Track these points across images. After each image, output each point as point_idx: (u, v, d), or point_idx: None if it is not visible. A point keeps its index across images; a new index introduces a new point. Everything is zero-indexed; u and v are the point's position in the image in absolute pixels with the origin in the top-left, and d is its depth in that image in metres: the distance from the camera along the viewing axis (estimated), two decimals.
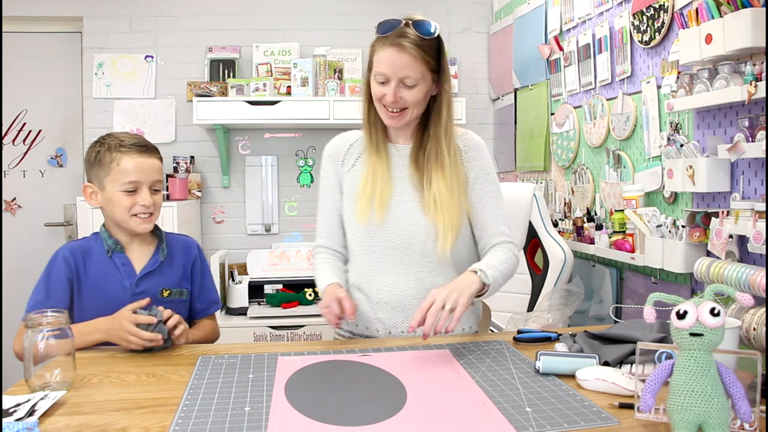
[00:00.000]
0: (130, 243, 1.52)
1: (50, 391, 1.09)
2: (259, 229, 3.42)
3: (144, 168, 1.47)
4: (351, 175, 1.55)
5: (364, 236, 1.51)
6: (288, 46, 3.28)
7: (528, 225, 2.44)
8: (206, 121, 3.08)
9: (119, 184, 1.45)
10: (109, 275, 1.47)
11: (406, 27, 1.39)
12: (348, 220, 1.55)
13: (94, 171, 1.48)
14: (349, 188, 1.55)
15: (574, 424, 0.94)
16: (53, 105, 3.39)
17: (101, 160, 1.46)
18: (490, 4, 3.56)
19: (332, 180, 1.58)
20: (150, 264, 1.51)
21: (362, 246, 1.53)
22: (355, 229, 1.53)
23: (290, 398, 1.05)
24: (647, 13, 2.05)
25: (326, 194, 1.59)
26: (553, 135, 2.81)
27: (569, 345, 1.32)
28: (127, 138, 1.48)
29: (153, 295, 1.48)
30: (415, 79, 1.40)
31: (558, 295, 2.25)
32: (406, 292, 1.50)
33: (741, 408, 0.87)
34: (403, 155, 1.54)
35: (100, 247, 1.50)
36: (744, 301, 0.91)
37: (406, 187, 1.51)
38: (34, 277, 1.51)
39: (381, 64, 1.40)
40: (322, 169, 1.61)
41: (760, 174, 1.58)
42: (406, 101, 1.42)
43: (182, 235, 1.66)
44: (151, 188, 1.48)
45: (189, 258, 1.59)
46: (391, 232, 1.49)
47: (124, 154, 1.45)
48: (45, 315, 1.14)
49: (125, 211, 1.45)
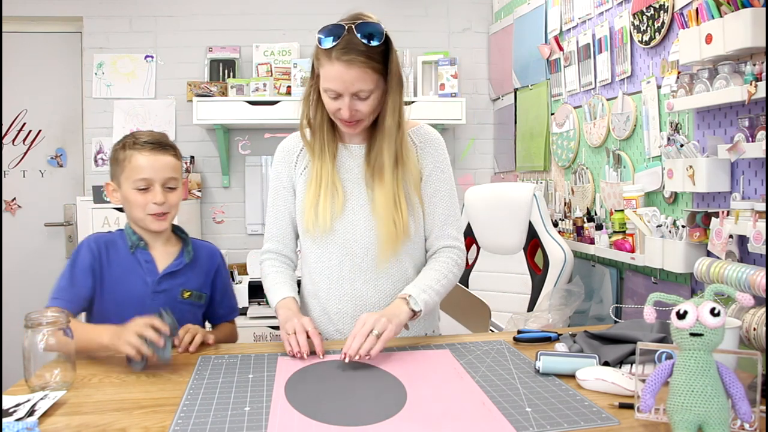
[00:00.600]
0: (154, 241, 1.51)
1: (50, 391, 1.09)
2: (259, 229, 3.41)
3: (155, 165, 1.44)
4: (303, 178, 1.48)
5: (319, 243, 1.44)
6: (288, 46, 3.28)
7: (528, 225, 2.44)
8: (206, 121, 3.08)
9: (132, 182, 1.44)
10: (131, 270, 1.47)
11: (351, 34, 1.28)
12: (300, 227, 1.49)
13: (113, 169, 1.49)
14: (300, 192, 1.48)
15: (574, 424, 0.94)
16: (53, 105, 3.39)
17: (117, 158, 1.47)
18: (490, 4, 3.56)
19: (284, 181, 1.51)
20: (174, 264, 1.50)
21: (317, 253, 1.46)
22: (308, 237, 1.46)
23: (290, 398, 1.05)
24: (647, 13, 2.05)
25: (277, 195, 1.52)
26: (553, 135, 2.81)
27: (569, 345, 1.32)
28: (143, 135, 1.47)
29: (173, 295, 1.48)
30: (368, 91, 1.33)
31: (558, 295, 2.25)
32: (367, 301, 1.43)
33: (741, 408, 0.87)
34: (356, 156, 1.46)
35: (124, 243, 1.50)
36: (744, 301, 0.91)
37: (362, 190, 1.44)
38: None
39: (330, 81, 1.31)
40: (273, 169, 1.55)
41: (760, 174, 1.58)
42: (362, 113, 1.36)
43: (206, 241, 1.65)
44: (164, 186, 1.46)
45: (213, 265, 1.58)
46: (348, 238, 1.42)
47: (136, 151, 1.44)
48: (45, 315, 1.14)
49: (140, 209, 1.45)
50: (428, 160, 1.48)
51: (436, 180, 1.48)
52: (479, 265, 2.59)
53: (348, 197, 1.44)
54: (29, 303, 1.38)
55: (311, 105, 1.43)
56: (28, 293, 3.22)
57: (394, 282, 1.44)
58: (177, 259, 1.51)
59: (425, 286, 1.38)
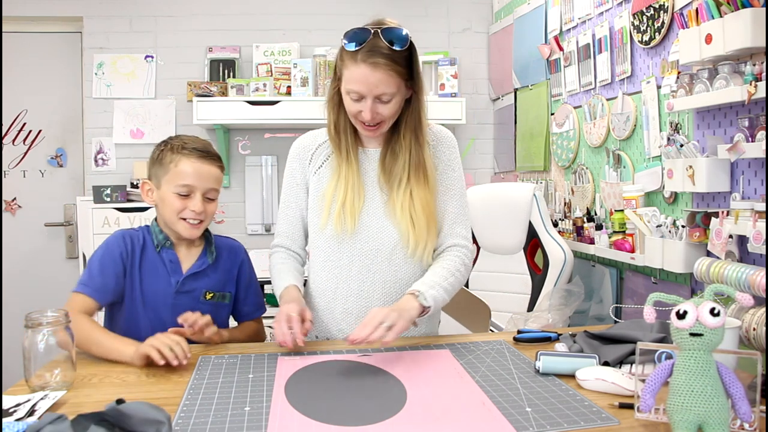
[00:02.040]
0: (180, 241, 1.51)
1: (50, 391, 1.09)
2: (259, 229, 3.42)
3: (201, 173, 1.44)
4: (317, 177, 1.49)
5: (331, 243, 1.46)
6: (288, 46, 3.28)
7: (528, 225, 2.44)
8: (206, 121, 3.08)
9: (174, 186, 1.43)
10: (156, 269, 1.47)
11: (376, 38, 1.32)
12: (313, 225, 1.50)
13: (154, 169, 1.48)
14: (314, 191, 1.49)
15: (574, 424, 0.94)
16: (53, 105, 3.39)
17: (162, 159, 1.46)
18: (490, 4, 3.56)
19: (298, 179, 1.52)
20: (197, 265, 1.50)
21: (327, 252, 1.47)
22: (321, 235, 1.48)
23: (290, 398, 1.05)
24: (647, 13, 2.05)
25: (290, 193, 1.53)
26: (553, 135, 2.81)
27: (569, 345, 1.32)
28: (191, 141, 1.47)
29: (197, 296, 1.48)
30: (390, 94, 1.35)
31: (558, 295, 2.25)
32: (371, 303, 1.44)
33: (741, 408, 0.87)
34: (372, 159, 1.49)
35: (150, 240, 1.50)
36: (744, 301, 0.91)
37: (375, 193, 1.46)
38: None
39: (354, 83, 1.34)
40: (287, 167, 1.55)
41: (760, 174, 1.58)
42: (383, 116, 1.38)
43: (229, 238, 1.63)
44: (204, 195, 1.46)
45: (236, 262, 1.58)
46: (360, 239, 1.44)
47: (184, 156, 1.44)
48: (45, 315, 1.14)
49: (175, 213, 1.44)
50: (441, 158, 1.50)
51: (447, 179, 1.50)
52: (479, 265, 2.59)
53: (365, 200, 1.46)
54: (29, 303, 1.38)
55: (333, 108, 1.46)
56: (28, 293, 3.23)
57: (402, 284, 1.45)
58: (199, 259, 1.51)
59: (433, 282, 1.38)
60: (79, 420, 0.85)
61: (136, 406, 0.86)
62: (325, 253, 1.48)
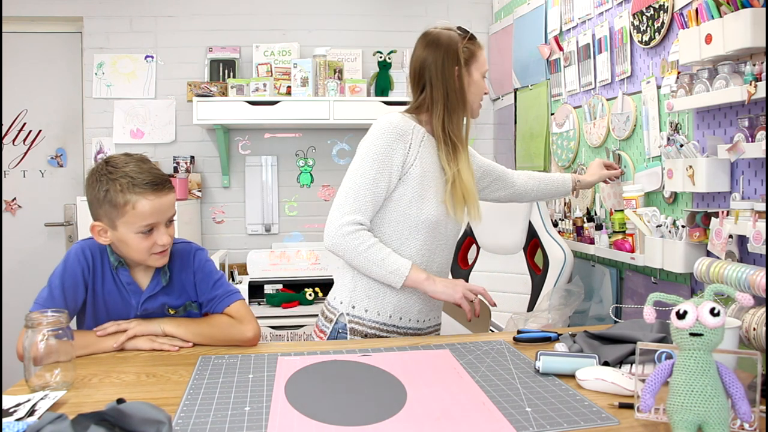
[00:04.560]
0: (135, 264, 1.44)
1: (50, 391, 1.09)
2: (259, 229, 3.42)
3: (161, 208, 1.35)
4: (419, 161, 1.53)
5: (431, 227, 1.55)
6: (288, 46, 3.28)
7: (528, 225, 2.44)
8: (206, 121, 3.08)
9: (135, 227, 1.33)
10: (117, 288, 1.43)
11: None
12: (416, 207, 1.53)
13: (103, 209, 1.34)
14: (418, 174, 1.52)
15: (574, 424, 0.94)
16: (53, 105, 3.39)
17: (113, 200, 1.31)
18: (490, 4, 3.56)
19: (397, 159, 1.50)
20: (150, 288, 1.44)
21: (423, 235, 1.55)
22: (423, 218, 1.53)
23: (290, 398, 1.05)
24: (647, 13, 2.05)
25: (383, 170, 1.49)
26: (553, 135, 2.81)
27: (569, 345, 1.32)
28: (136, 173, 1.32)
29: (159, 314, 1.45)
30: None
31: (558, 295, 2.25)
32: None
33: (741, 408, 0.87)
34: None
35: (107, 259, 1.44)
36: (744, 301, 0.91)
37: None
38: (34, 277, 1.51)
39: (485, 64, 1.64)
40: (383, 145, 1.50)
41: (760, 174, 1.58)
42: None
43: (180, 241, 1.52)
44: (165, 223, 1.38)
45: (189, 272, 1.48)
46: (443, 225, 1.59)
47: (141, 196, 1.31)
48: (45, 315, 1.14)
49: (144, 252, 1.36)
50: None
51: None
52: (479, 265, 2.59)
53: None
54: (29, 303, 1.37)
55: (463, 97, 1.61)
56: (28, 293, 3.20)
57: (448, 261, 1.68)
58: (153, 280, 1.45)
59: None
60: (79, 420, 0.85)
61: (136, 406, 0.86)
62: (417, 235, 1.55)
